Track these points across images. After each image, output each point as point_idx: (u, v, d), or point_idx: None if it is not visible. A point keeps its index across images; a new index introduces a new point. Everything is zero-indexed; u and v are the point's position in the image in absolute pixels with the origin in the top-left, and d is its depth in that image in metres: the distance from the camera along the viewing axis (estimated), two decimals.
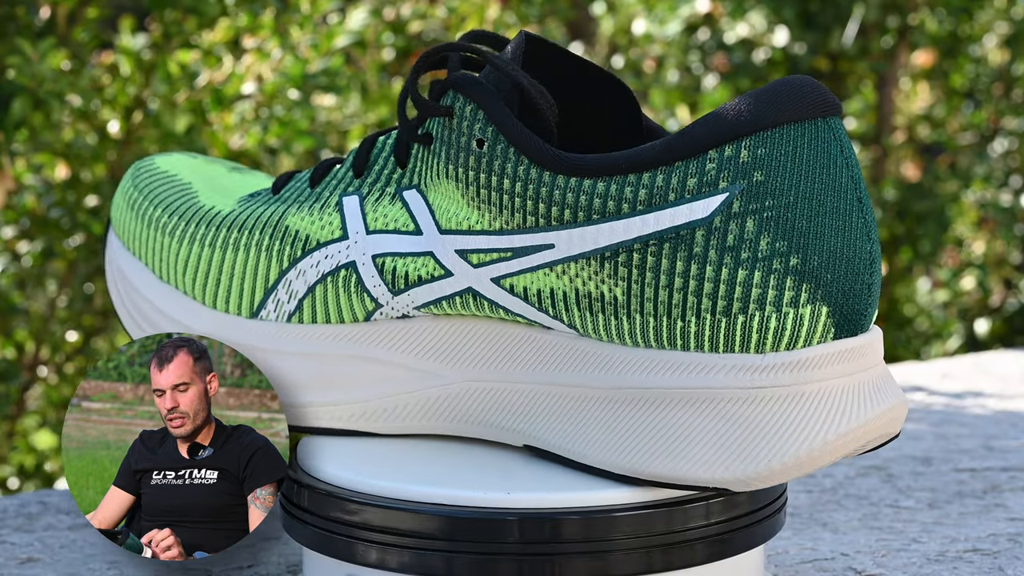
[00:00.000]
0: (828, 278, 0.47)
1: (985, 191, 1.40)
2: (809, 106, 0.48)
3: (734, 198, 0.47)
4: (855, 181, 0.48)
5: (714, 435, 0.48)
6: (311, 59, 0.93)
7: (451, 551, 0.49)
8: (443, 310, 0.53)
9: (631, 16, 1.29)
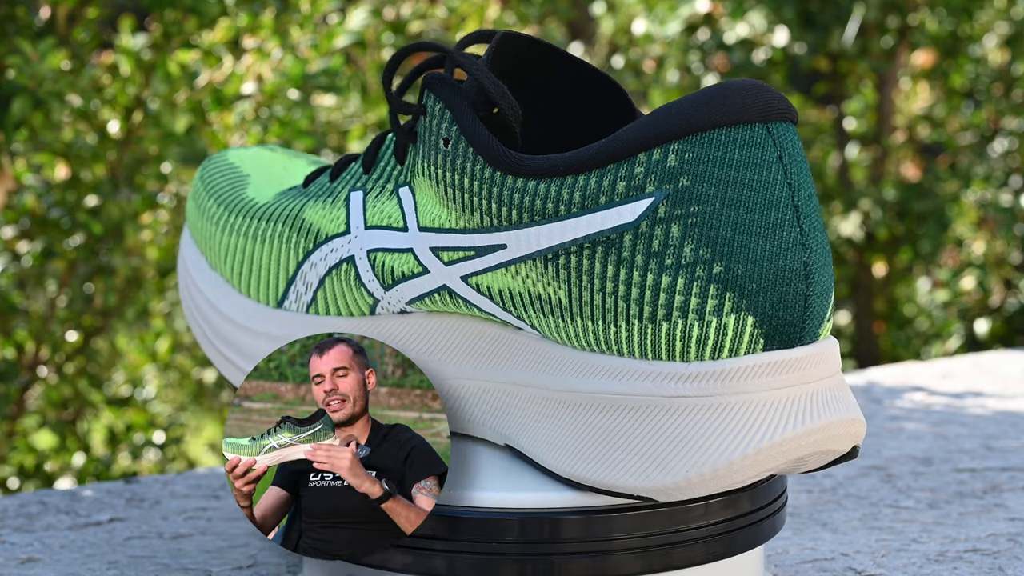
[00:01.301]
0: (753, 288, 0.46)
1: (985, 191, 1.40)
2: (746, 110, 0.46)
3: (660, 203, 0.46)
4: (792, 188, 0.47)
5: (639, 443, 0.48)
6: (311, 59, 0.93)
7: (451, 551, 0.49)
8: (429, 306, 0.53)
9: (631, 16, 1.29)
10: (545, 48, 0.54)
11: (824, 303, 0.48)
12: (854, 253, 1.46)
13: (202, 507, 0.67)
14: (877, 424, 0.81)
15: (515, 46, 0.53)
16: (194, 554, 0.61)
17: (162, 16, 0.93)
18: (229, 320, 0.59)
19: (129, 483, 0.71)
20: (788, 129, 0.47)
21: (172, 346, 1.16)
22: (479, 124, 0.50)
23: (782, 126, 0.47)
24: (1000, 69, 1.47)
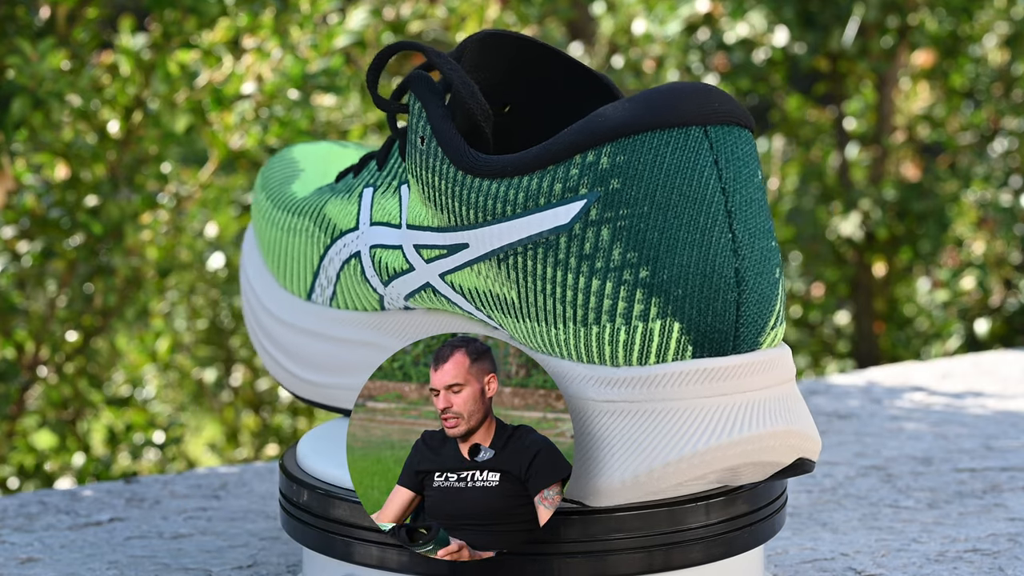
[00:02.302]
0: (679, 293, 0.46)
1: (985, 191, 1.40)
2: (683, 113, 0.46)
3: (592, 205, 0.46)
4: (726, 193, 0.46)
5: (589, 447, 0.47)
6: (311, 59, 0.93)
7: None
8: (421, 303, 0.53)
9: (631, 16, 1.29)
10: (540, 48, 0.54)
11: (763, 311, 0.47)
12: (854, 253, 1.46)
13: (202, 507, 0.67)
14: (877, 424, 0.81)
15: (507, 46, 0.53)
16: (194, 554, 0.61)
17: (162, 16, 0.93)
18: (269, 313, 0.60)
19: (129, 483, 0.71)
20: (732, 133, 0.47)
21: (172, 346, 1.16)
22: (448, 123, 0.50)
23: (724, 130, 0.46)
24: (1000, 69, 1.47)
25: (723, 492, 0.49)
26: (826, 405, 0.85)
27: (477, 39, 0.53)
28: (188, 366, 1.30)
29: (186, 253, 1.13)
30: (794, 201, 1.47)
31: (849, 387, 0.89)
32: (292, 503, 0.52)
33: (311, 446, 0.55)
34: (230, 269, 1.24)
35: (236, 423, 1.30)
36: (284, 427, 1.26)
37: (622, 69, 1.32)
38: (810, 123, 1.50)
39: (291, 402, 1.27)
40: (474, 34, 0.53)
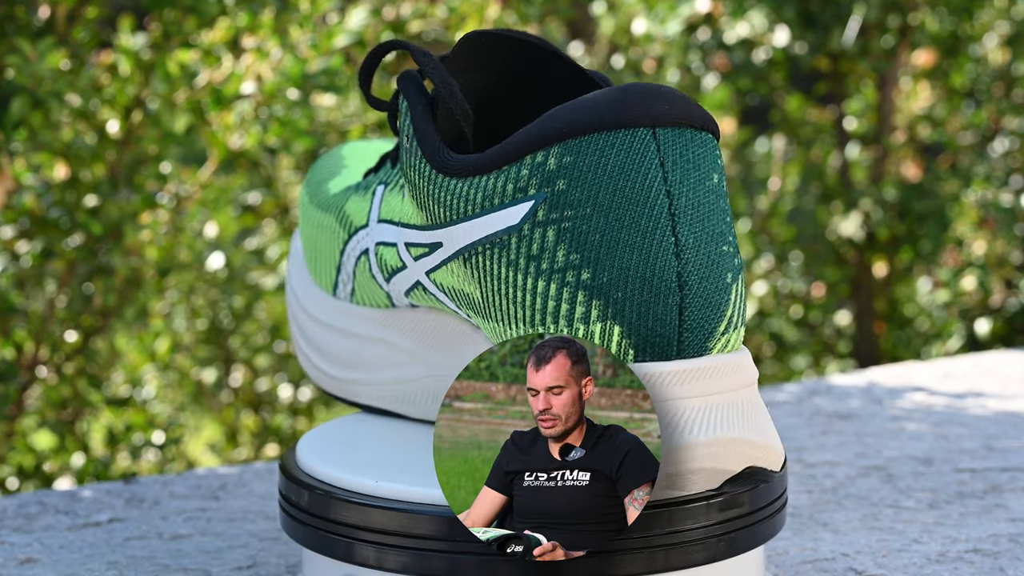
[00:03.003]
0: (619, 296, 0.45)
1: (986, 191, 1.40)
2: (630, 115, 0.45)
3: (539, 206, 0.46)
4: (671, 196, 0.45)
5: None
6: (311, 59, 0.93)
7: (451, 551, 0.48)
8: (421, 301, 0.54)
9: (631, 16, 1.29)
10: (536, 49, 0.54)
11: (710, 316, 0.46)
12: (855, 253, 1.46)
13: (202, 507, 0.67)
14: (878, 424, 0.81)
15: (502, 47, 0.53)
16: (193, 554, 0.61)
17: (161, 16, 0.93)
18: (303, 308, 0.61)
19: (128, 483, 0.71)
20: (683, 136, 0.46)
21: (171, 346, 1.15)
22: (428, 123, 0.50)
23: (674, 132, 0.46)
24: (1001, 69, 1.47)
25: (723, 493, 0.49)
26: (827, 405, 0.85)
27: (470, 39, 0.53)
28: (188, 366, 1.30)
29: (186, 253, 1.13)
30: (795, 201, 1.47)
31: (850, 387, 0.89)
32: (292, 504, 0.52)
33: (311, 446, 0.55)
34: (230, 269, 1.23)
35: (236, 423, 1.30)
36: (284, 427, 1.26)
37: (622, 69, 1.32)
38: (810, 123, 1.50)
39: (291, 402, 1.27)
40: (468, 34, 0.53)
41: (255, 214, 1.33)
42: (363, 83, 0.54)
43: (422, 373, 0.56)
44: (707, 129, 0.47)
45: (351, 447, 0.55)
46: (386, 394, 0.58)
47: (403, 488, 0.50)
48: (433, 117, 0.51)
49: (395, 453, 0.54)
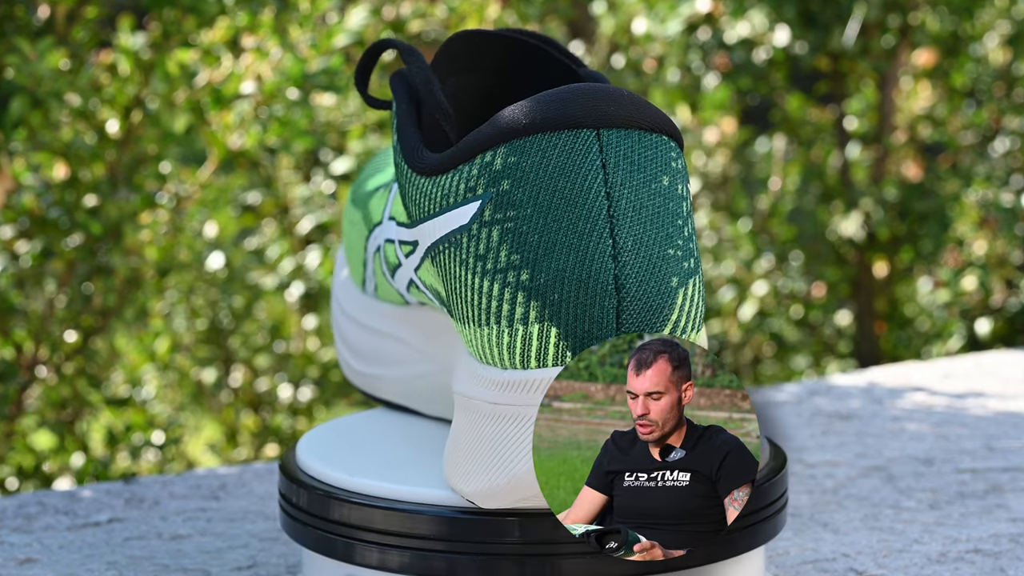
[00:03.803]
0: (555, 298, 0.45)
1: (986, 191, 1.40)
2: (574, 116, 0.45)
3: (486, 206, 0.46)
4: (611, 198, 0.45)
5: (469, 447, 0.47)
6: (310, 58, 0.93)
7: (451, 552, 0.48)
8: (419, 297, 0.54)
9: (631, 15, 1.29)
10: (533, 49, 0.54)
11: (651, 320, 0.46)
12: (855, 253, 1.46)
13: (201, 508, 0.67)
14: (878, 425, 0.81)
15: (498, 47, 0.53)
16: (193, 555, 0.61)
17: (161, 15, 0.93)
18: (339, 303, 0.61)
19: (128, 483, 0.70)
20: (629, 137, 0.45)
21: (171, 346, 1.15)
22: (408, 121, 0.50)
23: (620, 134, 0.45)
24: (1001, 68, 1.47)
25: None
26: (827, 405, 0.84)
27: (462, 38, 0.53)
28: (187, 366, 1.30)
29: (185, 253, 1.12)
30: (795, 201, 1.47)
31: (850, 387, 0.89)
32: (292, 504, 0.52)
33: (311, 447, 0.54)
34: (229, 269, 1.23)
35: (235, 423, 1.30)
36: (283, 428, 1.26)
37: (622, 69, 1.32)
38: (811, 123, 1.50)
39: (291, 402, 1.27)
40: (458, 33, 0.53)
41: (255, 214, 1.33)
42: (359, 83, 0.54)
43: (429, 370, 0.56)
44: (661, 131, 0.46)
45: (351, 447, 0.55)
46: (401, 390, 0.58)
47: (403, 488, 0.50)
48: (419, 116, 0.51)
49: (395, 453, 0.54)
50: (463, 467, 0.48)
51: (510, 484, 0.46)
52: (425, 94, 0.50)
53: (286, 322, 1.32)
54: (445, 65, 0.53)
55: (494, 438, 0.46)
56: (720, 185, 1.46)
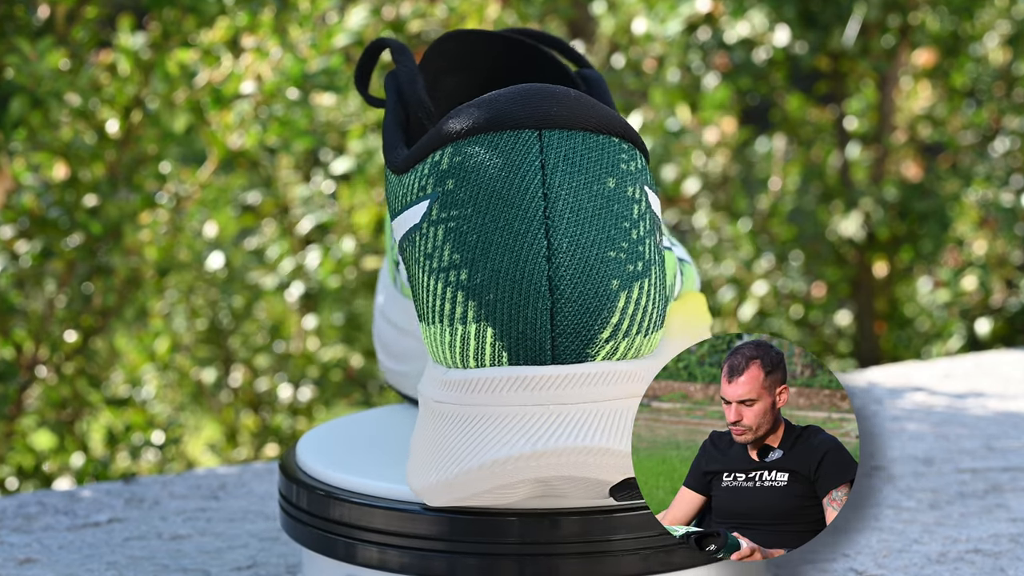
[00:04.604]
0: (491, 298, 0.45)
1: (986, 191, 1.40)
2: (516, 116, 0.45)
3: (433, 205, 0.46)
4: (548, 199, 0.45)
5: (420, 444, 0.47)
6: (310, 58, 0.93)
7: (451, 551, 0.48)
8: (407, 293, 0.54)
9: (631, 15, 1.29)
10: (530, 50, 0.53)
11: (587, 322, 0.45)
12: (855, 253, 1.46)
13: (201, 508, 0.67)
14: (878, 425, 0.81)
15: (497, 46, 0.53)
16: (193, 555, 0.61)
17: (161, 15, 0.93)
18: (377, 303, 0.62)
19: (128, 483, 0.70)
20: (572, 138, 0.45)
21: (171, 346, 1.15)
22: (392, 120, 0.50)
23: (563, 135, 0.45)
24: (1001, 68, 1.47)
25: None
26: None
27: (453, 38, 0.53)
28: (187, 366, 1.30)
29: (185, 253, 1.12)
30: (795, 201, 1.47)
31: (850, 387, 0.89)
32: (292, 504, 0.52)
33: (311, 446, 0.54)
34: (229, 269, 1.23)
35: (235, 423, 1.30)
36: (283, 427, 1.26)
37: (622, 69, 1.31)
38: (811, 123, 1.50)
39: (291, 402, 1.27)
40: (448, 33, 0.53)
41: (255, 214, 1.33)
42: (359, 83, 0.54)
43: None
44: (611, 133, 0.46)
45: (351, 447, 0.55)
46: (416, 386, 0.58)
47: (403, 488, 0.50)
48: (407, 115, 0.51)
49: (395, 453, 0.54)
50: (413, 464, 0.48)
51: (448, 483, 0.46)
52: (409, 93, 0.50)
53: (286, 322, 1.32)
54: (437, 64, 0.53)
55: (437, 436, 0.46)
56: (720, 185, 1.46)
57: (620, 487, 0.46)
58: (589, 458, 0.45)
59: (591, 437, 0.45)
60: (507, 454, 0.45)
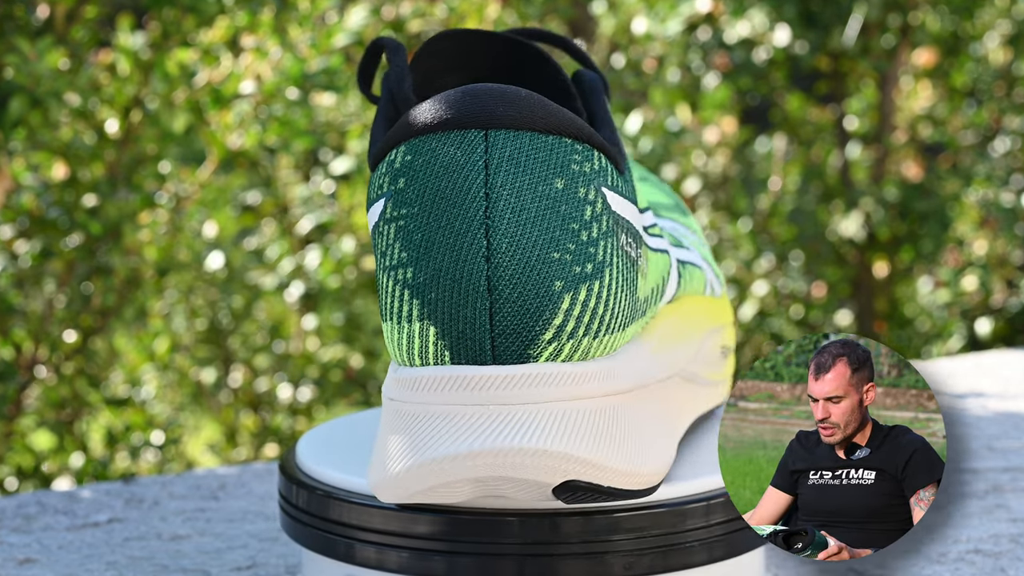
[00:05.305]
0: (433, 297, 0.45)
1: (987, 191, 1.40)
2: (463, 116, 0.45)
3: (387, 203, 0.46)
4: (490, 199, 0.44)
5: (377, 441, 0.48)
6: (310, 58, 0.93)
7: (451, 552, 0.48)
8: None
9: (631, 15, 1.29)
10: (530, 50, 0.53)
11: (528, 323, 0.45)
12: (855, 253, 1.46)
13: (201, 508, 0.67)
14: None
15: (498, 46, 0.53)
16: (193, 555, 0.61)
17: (160, 15, 0.93)
18: None
19: (128, 484, 0.70)
20: (519, 138, 0.45)
21: (171, 346, 1.15)
22: (381, 117, 0.50)
23: (509, 135, 0.45)
24: (1002, 68, 1.47)
25: (724, 493, 0.49)
26: None
27: (448, 38, 0.53)
28: (187, 366, 1.30)
29: (185, 253, 1.12)
30: (795, 201, 1.47)
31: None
32: (291, 504, 0.52)
33: (311, 447, 0.54)
34: (229, 269, 1.23)
35: (235, 423, 1.30)
36: (283, 428, 1.26)
37: (623, 68, 1.31)
38: (811, 122, 1.50)
39: (290, 402, 1.27)
40: (442, 32, 0.53)
41: (254, 214, 1.33)
42: (361, 83, 0.54)
43: None
44: (563, 134, 0.45)
45: (351, 447, 0.55)
46: None
47: None
48: (398, 114, 0.51)
49: None
50: (372, 460, 0.48)
51: (394, 480, 0.46)
52: (396, 92, 0.50)
53: (286, 322, 1.32)
54: (429, 64, 0.53)
55: (386, 433, 0.47)
56: (720, 185, 1.46)
57: (562, 489, 0.46)
58: (526, 459, 0.44)
59: (528, 438, 0.44)
60: (444, 453, 0.45)
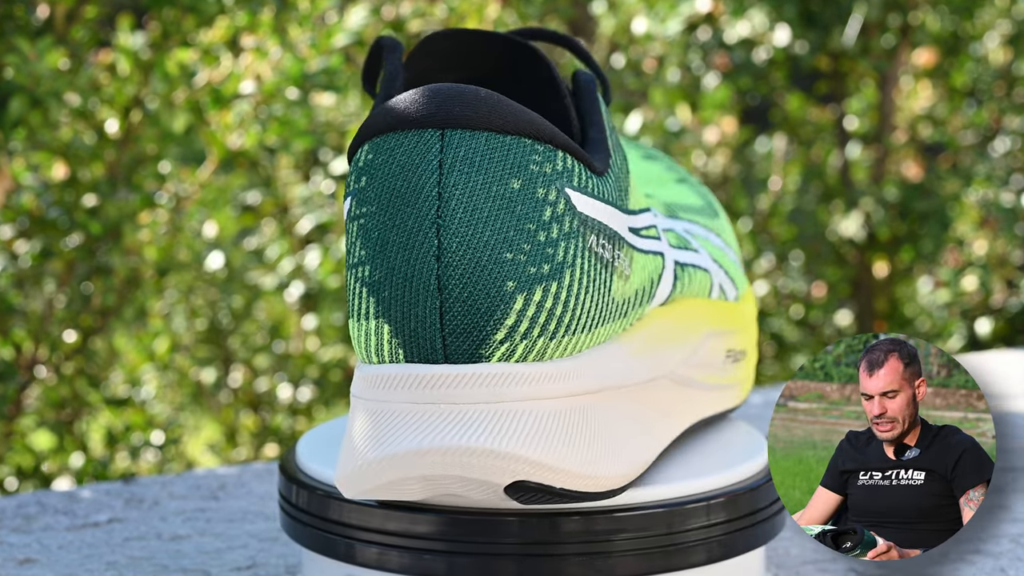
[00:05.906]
0: (387, 295, 0.45)
1: (987, 191, 1.40)
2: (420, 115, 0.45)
3: (352, 202, 0.46)
4: (442, 199, 0.44)
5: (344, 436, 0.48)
6: (310, 58, 0.93)
7: (451, 552, 0.48)
8: None
9: (631, 15, 1.29)
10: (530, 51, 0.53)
11: (478, 323, 0.45)
12: (855, 253, 1.46)
13: (201, 508, 0.67)
14: None
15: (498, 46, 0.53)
16: (193, 555, 0.61)
17: (160, 15, 0.93)
18: None
19: (128, 484, 0.70)
20: (475, 138, 0.45)
21: (171, 346, 1.15)
22: None
23: (465, 134, 0.45)
24: (1002, 68, 1.47)
25: (724, 493, 0.49)
26: None
27: (445, 37, 0.53)
28: (187, 366, 1.30)
29: (185, 253, 1.13)
30: (795, 201, 1.47)
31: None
32: (291, 504, 0.52)
33: (311, 447, 0.54)
34: (229, 269, 1.23)
35: (235, 423, 1.30)
36: (283, 428, 1.26)
37: (622, 68, 1.31)
38: (811, 122, 1.50)
39: (290, 402, 1.27)
40: (439, 32, 0.53)
41: (254, 214, 1.33)
42: (365, 83, 0.54)
43: None
44: (522, 134, 0.45)
45: None
46: None
47: None
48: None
49: None
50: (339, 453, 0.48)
51: (352, 476, 0.46)
52: (388, 88, 0.50)
53: (286, 322, 1.32)
54: (424, 64, 0.53)
55: (349, 428, 0.47)
56: (720, 185, 1.46)
57: (514, 488, 0.46)
58: (472, 459, 0.44)
59: (476, 438, 0.44)
60: (394, 450, 0.45)
